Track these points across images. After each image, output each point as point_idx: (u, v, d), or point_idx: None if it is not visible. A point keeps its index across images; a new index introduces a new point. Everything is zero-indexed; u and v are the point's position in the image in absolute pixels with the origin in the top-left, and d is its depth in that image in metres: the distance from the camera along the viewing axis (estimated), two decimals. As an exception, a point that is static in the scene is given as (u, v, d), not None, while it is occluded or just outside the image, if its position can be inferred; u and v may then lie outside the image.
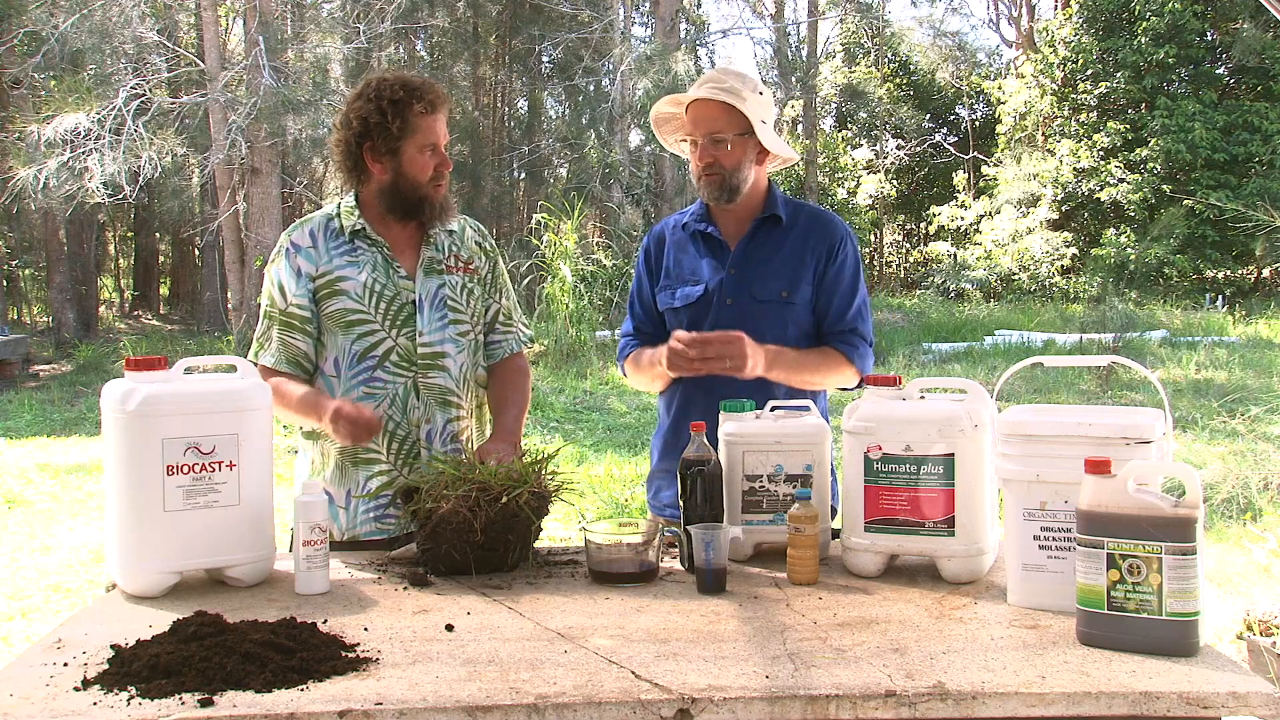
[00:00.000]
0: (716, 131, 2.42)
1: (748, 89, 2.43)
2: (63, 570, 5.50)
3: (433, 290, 2.39)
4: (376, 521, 2.36)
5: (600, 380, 11.74)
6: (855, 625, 1.75)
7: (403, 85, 2.32)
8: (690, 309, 2.51)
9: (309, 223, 2.42)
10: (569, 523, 5.31)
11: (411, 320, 2.36)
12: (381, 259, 2.37)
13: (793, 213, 2.55)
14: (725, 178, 2.44)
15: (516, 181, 21.49)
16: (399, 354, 2.35)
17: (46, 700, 1.45)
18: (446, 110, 2.39)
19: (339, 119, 2.39)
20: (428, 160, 2.34)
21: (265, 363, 2.36)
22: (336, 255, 2.36)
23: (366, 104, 2.31)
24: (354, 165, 2.37)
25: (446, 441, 2.37)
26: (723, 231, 2.54)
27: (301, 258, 2.36)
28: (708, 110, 2.43)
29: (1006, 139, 24.53)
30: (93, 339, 17.52)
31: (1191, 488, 1.59)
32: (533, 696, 1.45)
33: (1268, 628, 3.54)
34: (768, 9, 26.72)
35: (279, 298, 2.36)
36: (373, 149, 2.32)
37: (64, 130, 12.46)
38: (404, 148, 2.31)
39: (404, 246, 2.41)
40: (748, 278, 2.48)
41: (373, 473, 2.35)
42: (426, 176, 2.35)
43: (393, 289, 2.36)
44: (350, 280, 2.34)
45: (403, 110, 2.29)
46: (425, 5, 18.33)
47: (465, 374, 2.42)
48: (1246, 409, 7.92)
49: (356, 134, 2.33)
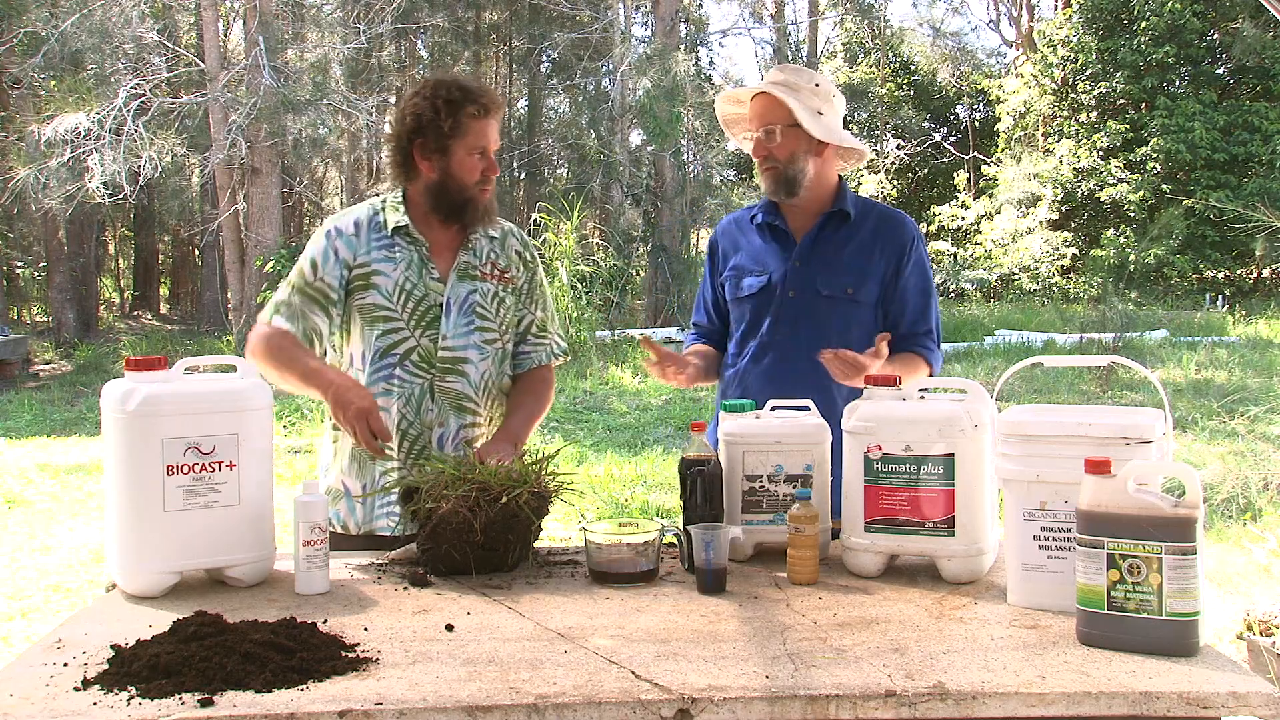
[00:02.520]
0: (767, 123, 2.45)
1: (803, 81, 2.46)
2: (63, 570, 5.50)
3: (463, 295, 2.39)
4: (388, 517, 2.37)
5: (600, 380, 11.74)
6: (855, 625, 1.75)
7: (459, 87, 2.34)
8: (754, 299, 2.53)
9: (354, 212, 2.43)
10: (569, 523, 5.31)
11: (436, 322, 2.36)
12: (418, 258, 2.37)
13: (863, 210, 2.55)
14: (781, 170, 2.46)
15: (516, 181, 21.50)
16: (420, 354, 2.35)
17: (46, 700, 1.45)
18: (500, 117, 2.40)
19: (395, 115, 2.42)
20: (476, 163, 2.35)
21: (280, 325, 2.33)
22: (376, 248, 2.37)
23: (422, 101, 2.33)
24: (404, 161, 2.38)
25: (460, 447, 2.37)
26: (790, 225, 2.55)
27: (342, 243, 2.37)
28: (760, 104, 2.48)
29: (1006, 139, 24.54)
30: (93, 339, 17.53)
31: (1191, 488, 1.59)
32: (533, 696, 1.45)
33: (1268, 628, 3.54)
34: (768, 9, 26.73)
35: (309, 271, 2.36)
36: (423, 146, 2.34)
37: (64, 130, 12.47)
38: (454, 148, 2.32)
39: (443, 249, 2.41)
40: (813, 271, 2.49)
41: (384, 469, 2.36)
42: (474, 179, 2.35)
43: (422, 289, 2.36)
44: (384, 276, 2.35)
45: (456, 111, 2.30)
46: (425, 5, 18.34)
47: (487, 382, 2.42)
48: (1246, 409, 7.92)
49: (409, 130, 2.34)
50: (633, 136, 18.11)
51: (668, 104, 16.10)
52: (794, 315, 2.45)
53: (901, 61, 30.08)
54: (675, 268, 16.34)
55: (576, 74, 19.16)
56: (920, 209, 27.04)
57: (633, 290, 16.22)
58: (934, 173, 29.18)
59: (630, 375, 11.95)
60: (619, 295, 14.26)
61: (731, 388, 2.54)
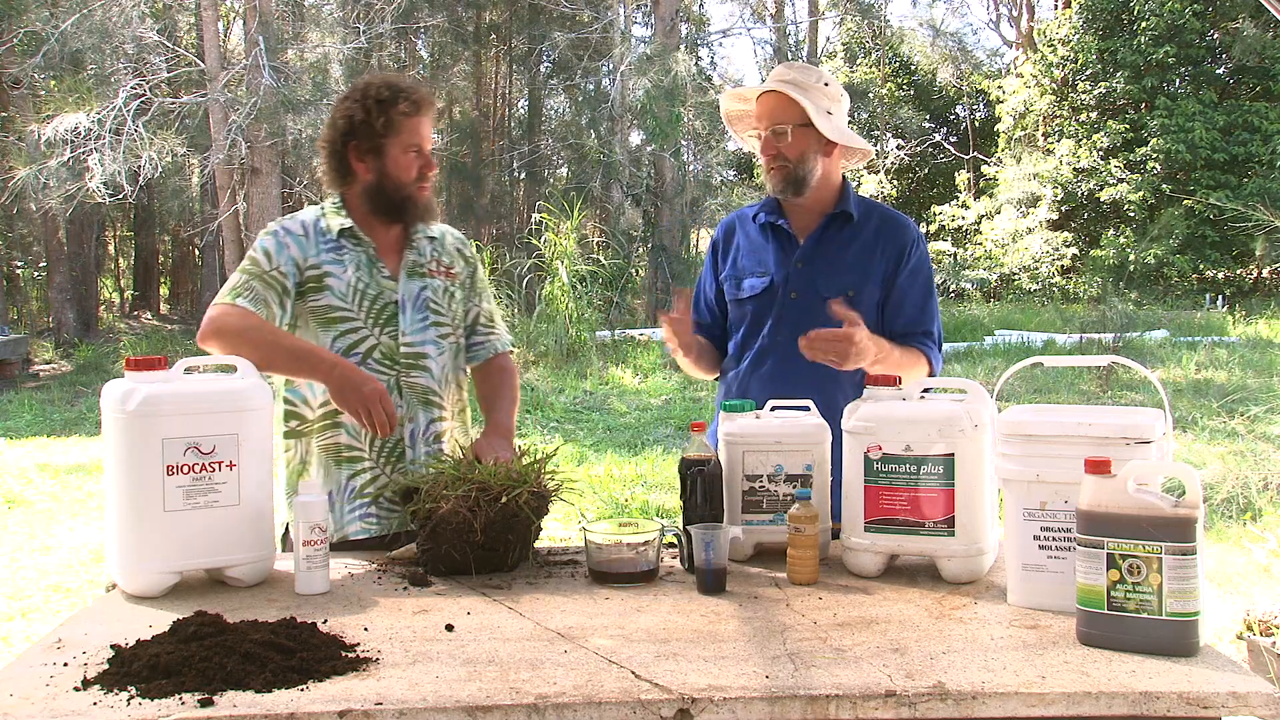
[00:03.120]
0: (777, 122, 2.43)
1: (811, 80, 2.45)
2: (63, 570, 5.50)
3: (415, 292, 2.40)
4: (361, 520, 2.35)
5: (600, 380, 11.74)
6: (855, 625, 1.75)
7: (388, 86, 2.32)
8: (755, 300, 2.52)
9: (298, 216, 2.41)
10: (569, 523, 5.31)
11: (394, 320, 2.36)
12: (366, 258, 2.37)
13: (865, 211, 2.54)
14: (790, 169, 2.44)
15: (516, 181, 21.50)
16: (382, 352, 2.35)
17: (46, 700, 1.45)
18: (433, 113, 2.39)
19: (326, 121, 2.39)
20: (412, 161, 2.34)
21: (244, 305, 2.25)
22: (325, 250, 2.35)
23: (353, 104, 2.32)
24: (339, 165, 2.37)
25: (430, 441, 2.38)
26: (793, 225, 2.54)
27: (292, 240, 2.34)
28: (770, 102, 2.46)
29: (1006, 139, 24.54)
30: (93, 339, 17.52)
31: (1191, 488, 1.59)
32: (533, 696, 1.45)
33: (1268, 628, 3.54)
34: (768, 9, 26.73)
35: (264, 260, 2.31)
36: (357, 148, 2.33)
37: (64, 130, 12.46)
38: (388, 147, 2.32)
39: (387, 248, 2.41)
40: (815, 273, 2.48)
41: (355, 471, 2.35)
42: (410, 177, 2.35)
43: (376, 288, 2.36)
44: (335, 278, 2.34)
45: (387, 110, 2.30)
46: (425, 5, 18.34)
47: (446, 375, 2.43)
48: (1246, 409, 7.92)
49: (342, 133, 2.34)
50: (633, 136, 18.10)
51: (668, 104, 16.10)
52: (796, 317, 2.43)
53: (901, 61, 30.08)
54: (675, 268, 16.34)
55: (576, 74, 19.16)
56: (920, 209, 27.05)
57: (633, 290, 16.22)
58: (934, 173, 29.18)
59: (630, 375, 11.95)
60: (619, 295, 14.25)
61: (733, 390, 2.53)
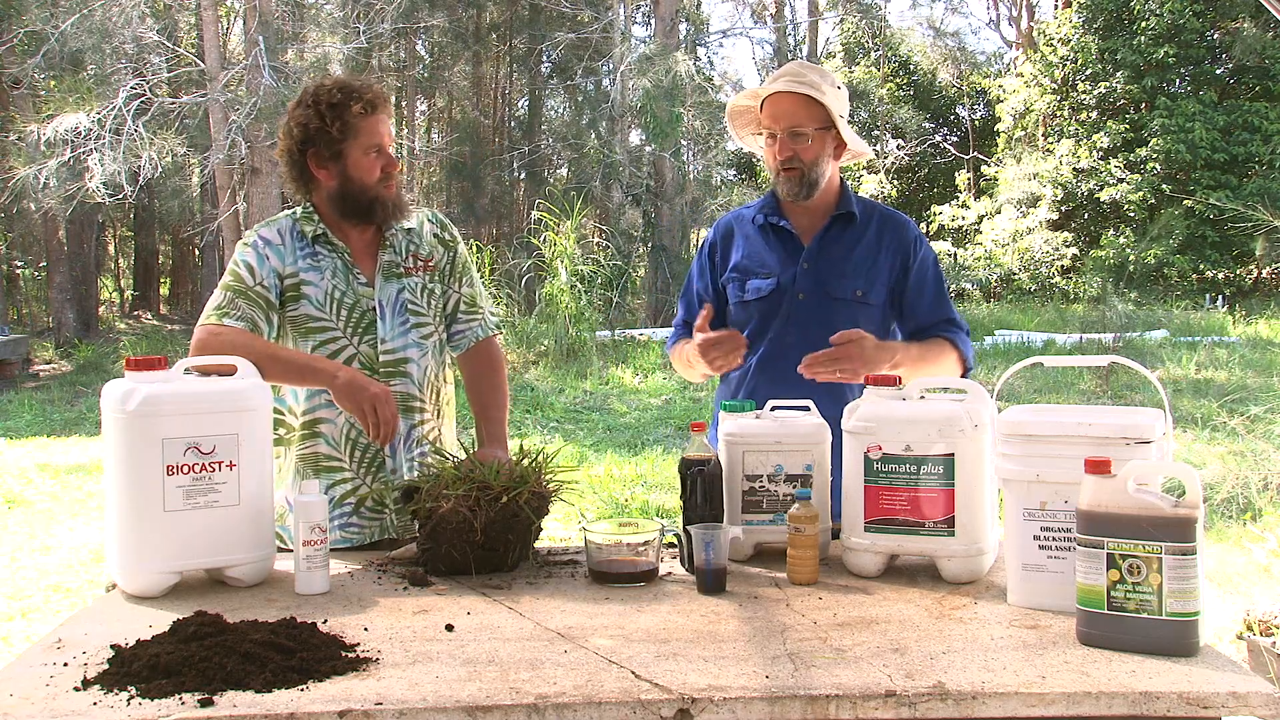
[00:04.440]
0: (797, 125, 2.39)
1: (826, 83, 2.41)
2: (63, 570, 5.50)
3: (393, 295, 2.36)
4: (341, 530, 2.33)
5: (600, 380, 11.73)
6: (855, 625, 1.75)
7: (340, 88, 2.27)
8: (761, 303, 2.49)
9: (275, 222, 2.37)
10: (569, 523, 5.31)
11: (373, 328, 2.33)
12: (342, 265, 2.34)
13: (866, 211, 2.53)
14: (805, 172, 2.42)
15: (516, 181, 21.49)
16: (361, 362, 2.32)
17: (46, 700, 1.45)
18: (389, 109, 2.35)
19: (281, 130, 2.33)
20: (373, 161, 2.30)
21: (231, 324, 2.22)
22: (302, 257, 2.32)
23: (306, 110, 2.27)
24: (301, 174, 2.33)
25: (411, 447, 2.36)
26: (795, 225, 2.52)
27: (271, 251, 2.31)
28: (788, 104, 2.40)
29: (1006, 139, 24.53)
30: (93, 339, 17.51)
31: (1191, 488, 1.59)
32: (533, 696, 1.45)
33: (1268, 628, 3.54)
34: (768, 9, 26.72)
35: (247, 276, 2.28)
36: (317, 156, 2.29)
37: (64, 130, 12.46)
38: (348, 150, 2.27)
39: (362, 252, 2.37)
40: (822, 274, 2.46)
41: (334, 480, 2.33)
42: (374, 178, 2.30)
43: (353, 296, 2.33)
44: (313, 286, 2.31)
45: (342, 113, 2.25)
46: (425, 5, 18.33)
47: (429, 376, 2.40)
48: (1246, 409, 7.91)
49: (299, 142, 2.28)
50: (633, 136, 18.09)
51: (667, 104, 16.10)
52: (804, 318, 2.42)
53: (901, 61, 30.05)
54: (675, 268, 16.34)
55: (576, 74, 19.15)
56: (920, 209, 27.03)
57: (633, 290, 16.22)
58: (934, 173, 29.15)
59: (630, 375, 11.95)
60: (619, 295, 14.24)
61: (739, 391, 2.51)
